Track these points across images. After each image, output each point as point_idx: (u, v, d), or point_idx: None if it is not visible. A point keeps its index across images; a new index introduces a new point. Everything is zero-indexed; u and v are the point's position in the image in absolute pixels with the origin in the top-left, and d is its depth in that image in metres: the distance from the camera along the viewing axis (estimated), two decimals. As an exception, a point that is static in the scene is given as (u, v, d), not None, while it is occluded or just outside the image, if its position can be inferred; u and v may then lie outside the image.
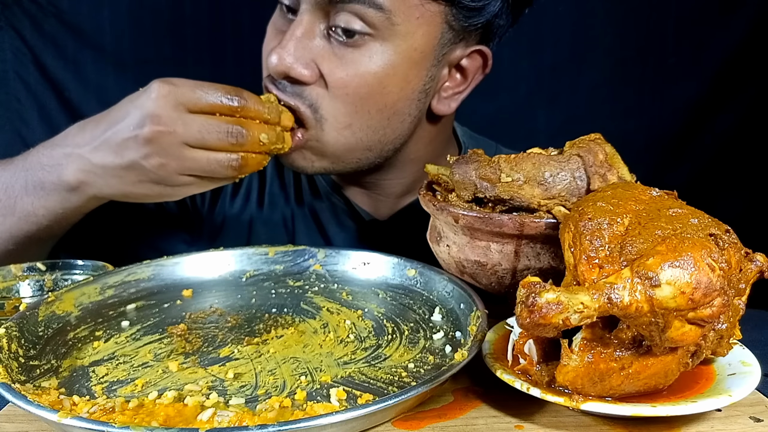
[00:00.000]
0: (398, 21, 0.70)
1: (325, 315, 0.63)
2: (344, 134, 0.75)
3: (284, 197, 0.92)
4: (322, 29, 0.72)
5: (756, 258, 0.45)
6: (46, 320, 0.57)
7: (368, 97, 0.73)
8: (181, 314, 0.63)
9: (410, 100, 0.76)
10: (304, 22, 0.71)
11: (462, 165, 0.60)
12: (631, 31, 1.43)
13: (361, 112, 0.74)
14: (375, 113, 0.75)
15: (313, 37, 0.72)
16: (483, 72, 0.82)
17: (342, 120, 0.74)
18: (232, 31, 1.36)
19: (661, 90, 1.46)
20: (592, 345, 0.43)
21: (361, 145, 0.77)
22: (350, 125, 0.74)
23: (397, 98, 0.75)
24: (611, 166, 0.57)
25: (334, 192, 0.89)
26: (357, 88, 0.72)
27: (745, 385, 0.45)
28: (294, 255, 0.74)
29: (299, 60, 0.71)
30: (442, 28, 0.74)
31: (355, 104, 0.73)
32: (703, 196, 0.76)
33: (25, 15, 1.31)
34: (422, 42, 0.73)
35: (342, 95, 0.73)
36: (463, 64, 0.79)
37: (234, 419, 0.44)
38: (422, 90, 0.77)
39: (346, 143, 0.76)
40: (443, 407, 0.48)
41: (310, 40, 0.72)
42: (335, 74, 0.72)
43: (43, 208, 0.71)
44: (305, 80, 0.72)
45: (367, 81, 0.72)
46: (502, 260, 0.59)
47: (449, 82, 0.80)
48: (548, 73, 1.44)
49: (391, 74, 0.73)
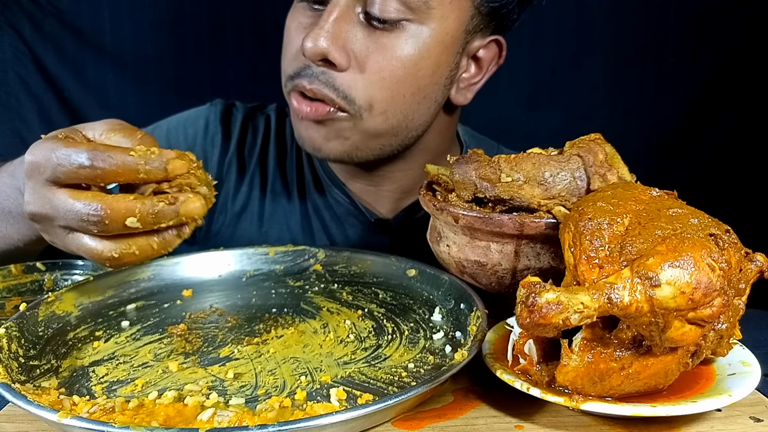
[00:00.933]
0: (434, 4, 0.71)
1: (325, 315, 0.63)
2: (378, 120, 0.75)
3: (287, 195, 0.92)
4: (358, 13, 0.72)
5: (756, 258, 0.45)
6: (46, 320, 0.57)
7: (404, 80, 0.74)
8: (181, 314, 0.63)
9: (438, 84, 0.77)
10: (340, 5, 0.71)
11: (462, 165, 0.60)
12: (631, 31, 1.44)
13: (397, 96, 0.74)
14: (409, 97, 0.75)
15: (348, 22, 0.72)
16: (497, 63, 0.83)
17: (379, 106, 0.74)
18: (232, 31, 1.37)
19: (661, 90, 1.46)
20: (592, 345, 0.43)
21: (391, 131, 0.77)
22: (385, 111, 0.75)
23: (428, 82, 0.76)
24: (611, 166, 0.57)
25: (338, 190, 0.89)
26: (393, 72, 0.73)
27: (745, 385, 0.45)
28: (294, 255, 0.74)
29: (336, 43, 0.71)
30: (471, 13, 0.76)
31: (391, 88, 0.73)
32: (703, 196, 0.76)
33: (25, 15, 1.31)
34: (453, 26, 0.74)
35: (378, 80, 0.73)
36: (479, 54, 0.81)
37: (234, 419, 0.44)
38: (449, 76, 0.78)
39: (379, 129, 0.76)
40: (443, 407, 0.48)
41: (346, 24, 0.71)
42: (371, 59, 0.72)
43: (17, 233, 0.69)
44: (340, 64, 0.71)
45: (403, 64, 0.73)
46: (502, 260, 0.59)
47: (466, 72, 0.82)
48: (548, 73, 1.44)
49: (425, 57, 0.74)
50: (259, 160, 0.92)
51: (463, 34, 0.76)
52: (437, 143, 0.86)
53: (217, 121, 0.91)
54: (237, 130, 0.92)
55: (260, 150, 0.92)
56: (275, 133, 0.93)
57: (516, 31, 0.85)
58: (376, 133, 0.76)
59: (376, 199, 0.90)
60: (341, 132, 0.76)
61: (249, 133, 0.93)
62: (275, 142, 0.93)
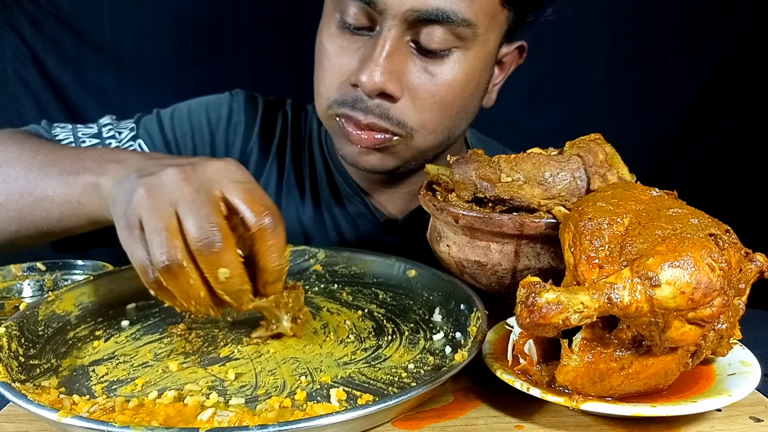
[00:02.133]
0: (480, 31, 0.73)
1: (325, 315, 0.63)
2: (428, 139, 0.77)
3: (300, 189, 0.92)
4: (407, 41, 0.72)
5: (756, 258, 0.45)
6: (46, 320, 0.57)
7: (453, 102, 0.76)
8: (181, 314, 0.63)
9: (477, 99, 0.80)
10: (392, 38, 0.71)
11: (462, 165, 0.60)
12: (631, 32, 1.44)
13: (445, 116, 0.77)
14: (455, 115, 0.78)
15: (400, 54, 0.72)
16: (517, 63, 0.86)
17: (430, 127, 0.76)
18: (232, 31, 1.37)
19: (660, 90, 1.46)
20: (592, 345, 0.43)
21: (438, 145, 0.80)
22: (435, 130, 0.77)
23: (471, 99, 0.79)
24: (611, 166, 0.57)
25: (350, 189, 0.90)
26: (443, 97, 0.75)
27: (745, 385, 0.45)
28: (294, 255, 0.74)
29: (390, 77, 0.72)
30: (505, 29, 0.78)
31: (441, 111, 0.76)
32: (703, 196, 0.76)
33: (25, 15, 1.31)
34: (493, 45, 0.77)
35: (430, 105, 0.75)
36: (504, 59, 0.84)
37: (234, 419, 0.44)
38: (485, 88, 0.81)
39: (429, 145, 0.79)
40: (443, 407, 0.48)
41: (398, 57, 0.72)
42: (423, 87, 0.74)
43: (63, 195, 0.65)
44: (396, 96, 0.73)
45: (453, 89, 0.75)
46: (502, 260, 0.59)
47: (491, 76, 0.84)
48: (548, 73, 1.44)
49: (471, 79, 0.76)
50: (277, 152, 0.92)
51: (498, 49, 0.79)
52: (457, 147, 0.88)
53: (240, 110, 0.92)
54: (258, 120, 0.93)
55: (278, 143, 0.93)
56: (291, 127, 0.94)
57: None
58: (425, 149, 0.79)
59: (389, 199, 0.91)
60: (397, 154, 0.78)
61: (269, 125, 0.93)
62: (291, 136, 0.94)
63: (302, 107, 0.97)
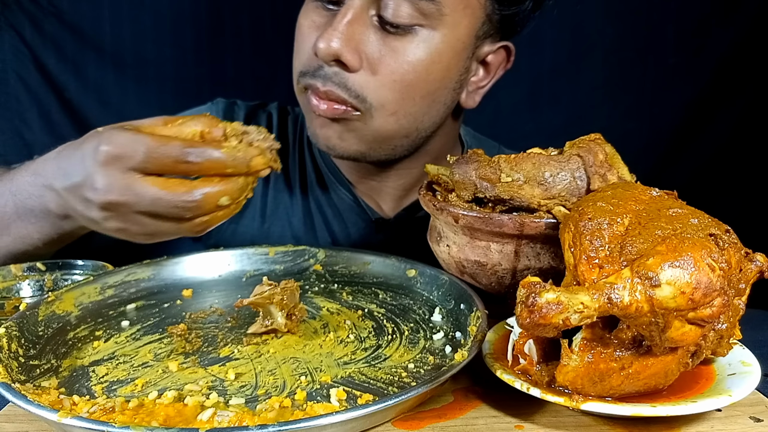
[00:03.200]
0: (447, 11, 0.72)
1: (325, 315, 0.63)
2: (389, 121, 0.76)
3: (289, 191, 0.92)
4: (371, 15, 0.73)
5: (756, 258, 0.45)
6: (46, 320, 0.57)
7: (415, 83, 0.75)
8: (181, 314, 0.63)
9: (448, 89, 0.79)
10: (354, 7, 0.72)
11: (462, 165, 0.60)
12: (631, 32, 1.43)
13: (407, 98, 0.75)
14: (419, 100, 0.76)
15: (361, 24, 0.73)
16: (504, 67, 0.85)
17: (390, 107, 0.75)
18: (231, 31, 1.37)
19: (660, 90, 1.46)
20: (592, 345, 0.43)
21: (401, 132, 0.78)
22: (396, 112, 0.76)
23: (439, 86, 0.77)
24: (611, 166, 0.57)
25: (342, 187, 0.90)
26: (404, 75, 0.74)
27: (745, 385, 0.45)
28: (294, 255, 0.74)
29: (348, 44, 0.72)
30: (482, 20, 0.77)
31: (402, 91, 0.75)
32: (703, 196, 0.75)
33: (25, 15, 1.31)
34: (465, 33, 0.76)
35: (389, 82, 0.74)
36: (488, 59, 0.82)
37: (234, 419, 0.44)
38: (458, 80, 0.80)
39: (390, 129, 0.77)
40: (443, 407, 0.48)
41: (359, 26, 0.72)
42: (383, 61, 0.73)
43: (38, 232, 0.68)
44: (352, 66, 0.72)
45: (414, 68, 0.74)
46: (502, 260, 0.59)
47: (474, 76, 0.83)
48: (548, 73, 1.44)
49: (436, 62, 0.75)
50: None
51: (474, 39, 0.78)
52: (442, 144, 0.88)
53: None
54: None
55: None
56: (277, 130, 0.94)
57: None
58: (386, 133, 0.78)
59: (379, 196, 0.90)
60: (358, 134, 0.77)
61: None
62: (277, 139, 0.93)
63: (288, 109, 0.97)
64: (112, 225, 0.58)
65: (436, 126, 0.82)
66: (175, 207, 0.55)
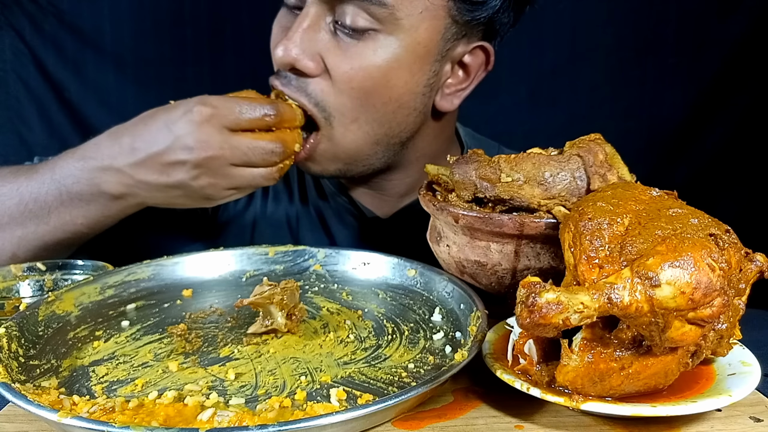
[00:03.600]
0: (402, 15, 0.71)
1: (325, 315, 0.63)
2: (352, 129, 0.76)
3: (288, 195, 0.92)
4: (328, 23, 0.73)
5: (756, 258, 0.45)
6: (46, 320, 0.57)
7: (373, 90, 0.74)
8: (181, 314, 0.63)
9: (415, 94, 0.77)
10: (310, 15, 0.72)
11: (462, 165, 0.60)
12: (631, 31, 1.43)
13: (367, 105, 0.75)
14: (380, 106, 0.76)
15: (319, 30, 0.73)
16: (485, 69, 0.83)
17: (349, 114, 0.75)
18: (232, 31, 1.36)
19: (660, 90, 1.46)
20: (592, 345, 0.43)
21: (369, 139, 0.78)
22: (357, 119, 0.75)
23: (402, 92, 0.76)
24: (611, 166, 0.57)
25: (340, 193, 0.90)
26: (362, 82, 0.73)
27: (745, 385, 0.45)
28: (294, 255, 0.74)
29: (305, 52, 0.72)
30: (446, 23, 0.75)
31: (360, 98, 0.74)
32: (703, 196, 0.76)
33: (25, 15, 1.31)
34: (426, 36, 0.74)
35: (347, 89, 0.73)
36: (465, 60, 0.80)
37: (234, 419, 0.44)
38: (426, 84, 0.78)
39: (355, 138, 0.77)
40: (443, 407, 0.48)
41: (316, 33, 0.73)
42: (340, 68, 0.73)
43: (83, 217, 0.72)
44: (310, 72, 0.73)
45: (371, 74, 0.73)
46: (502, 260, 0.59)
47: (452, 78, 0.81)
48: (548, 73, 1.44)
49: (395, 68, 0.74)
50: None
51: (440, 42, 0.76)
52: (431, 148, 0.86)
53: None
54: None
55: None
56: None
57: (516, 31, 0.85)
58: (355, 142, 0.77)
59: (376, 202, 0.90)
60: (328, 154, 0.78)
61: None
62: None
63: None
64: (202, 182, 0.68)
65: (411, 131, 0.81)
66: (270, 152, 0.69)
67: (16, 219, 0.73)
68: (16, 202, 0.72)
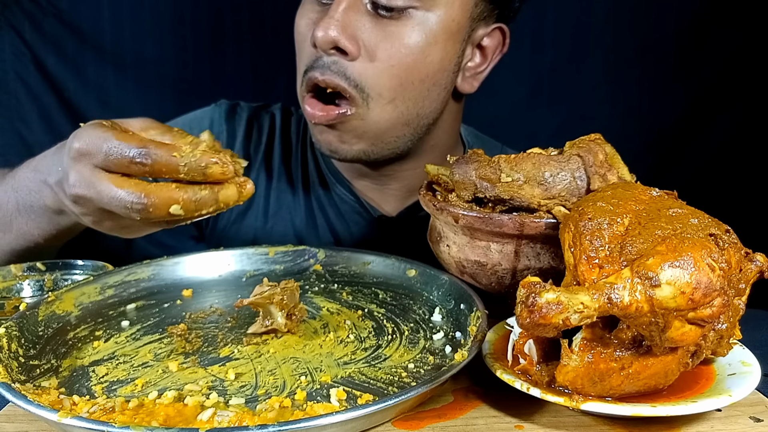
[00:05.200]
0: None
1: (325, 315, 0.63)
2: (388, 109, 0.76)
3: (291, 191, 0.92)
4: (365, 3, 0.73)
5: (756, 258, 0.45)
6: (46, 320, 0.57)
7: (413, 67, 0.75)
8: (181, 314, 0.63)
9: (446, 71, 0.79)
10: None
11: (462, 165, 0.60)
12: (631, 31, 1.44)
13: (406, 83, 0.76)
14: (418, 84, 0.76)
15: (357, 12, 0.73)
16: (501, 51, 0.85)
17: (387, 94, 0.75)
18: (232, 31, 1.37)
19: (661, 90, 1.46)
20: (592, 345, 0.43)
21: (401, 120, 0.78)
22: (394, 99, 0.76)
23: (437, 68, 0.77)
24: (611, 166, 0.57)
25: (343, 187, 0.90)
26: (402, 59, 0.74)
27: (745, 385, 0.45)
28: (294, 255, 0.74)
29: (345, 32, 0.72)
30: (475, 0, 0.77)
31: (400, 76, 0.75)
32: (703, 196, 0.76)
33: (25, 15, 1.31)
34: (459, 13, 0.76)
35: (388, 67, 0.74)
36: (483, 43, 0.82)
37: (234, 419, 0.44)
38: (456, 63, 0.80)
39: (389, 118, 0.77)
40: (443, 407, 0.48)
41: (355, 14, 0.73)
42: (381, 47, 0.73)
43: (37, 228, 0.70)
44: (351, 52, 0.73)
45: (412, 51, 0.74)
46: (502, 260, 0.59)
47: (471, 61, 0.83)
48: (548, 73, 1.44)
49: (432, 43, 0.75)
50: (264, 157, 0.92)
51: (468, 21, 0.78)
52: (444, 139, 0.87)
53: (221, 120, 0.92)
54: (242, 128, 0.93)
55: (265, 148, 0.93)
56: (280, 131, 0.94)
57: (516, 30, 0.86)
58: (386, 124, 0.77)
59: (381, 197, 0.90)
60: (358, 131, 0.77)
61: (254, 132, 0.94)
62: (280, 140, 0.94)
63: (291, 110, 0.97)
64: (86, 219, 0.60)
65: (438, 111, 0.82)
66: (125, 207, 0.54)
67: None
68: None
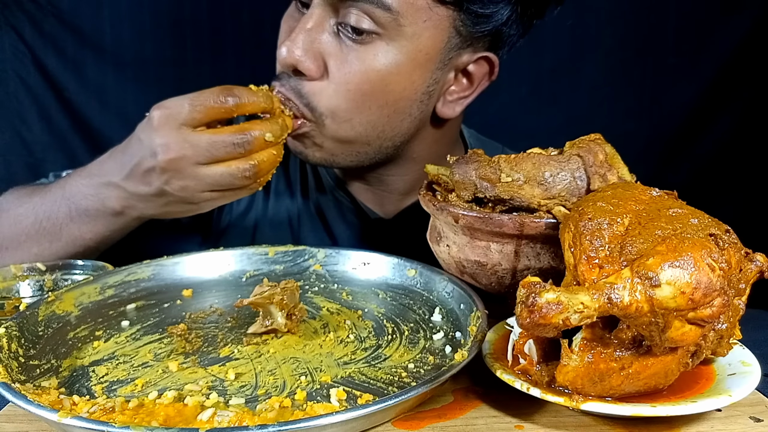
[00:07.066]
0: (405, 23, 0.71)
1: (325, 315, 0.63)
2: (344, 127, 0.76)
3: (290, 194, 0.92)
4: (332, 24, 0.73)
5: (756, 258, 0.45)
6: (46, 320, 0.57)
7: (370, 93, 0.74)
8: (181, 314, 0.63)
9: (412, 100, 0.77)
10: (315, 16, 0.72)
11: (462, 165, 0.60)
12: (631, 31, 1.44)
13: (362, 107, 0.75)
14: (375, 109, 0.75)
15: (322, 32, 0.73)
16: (489, 79, 0.82)
17: (343, 115, 0.75)
18: (232, 31, 1.36)
19: (661, 90, 1.46)
20: (592, 345, 0.43)
21: (360, 139, 0.77)
22: (351, 119, 0.75)
23: (399, 97, 0.76)
24: (611, 166, 0.57)
25: (339, 189, 0.90)
26: (359, 85, 0.73)
27: (745, 385, 0.45)
28: (294, 255, 0.74)
29: (307, 53, 0.72)
30: (450, 33, 0.75)
31: (356, 100, 0.74)
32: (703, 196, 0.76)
33: (25, 15, 1.31)
34: (428, 44, 0.74)
35: (344, 91, 0.73)
36: (469, 69, 0.80)
37: (234, 419, 0.44)
38: (425, 92, 0.78)
39: (347, 136, 0.77)
40: (443, 407, 0.48)
41: (319, 34, 0.73)
42: (340, 70, 0.73)
43: (91, 232, 0.75)
44: (311, 74, 0.73)
45: (370, 78, 0.73)
46: (502, 260, 0.59)
47: (455, 86, 0.81)
48: (548, 73, 1.44)
49: (394, 73, 0.74)
50: None
51: (443, 51, 0.75)
52: (431, 152, 0.86)
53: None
54: None
55: None
56: None
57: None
58: (344, 139, 0.77)
59: (377, 199, 0.90)
60: (314, 139, 0.77)
61: None
62: None
63: None
64: (174, 186, 0.66)
65: (405, 135, 0.80)
66: (231, 144, 0.65)
67: (32, 237, 0.76)
68: (32, 221, 0.76)
